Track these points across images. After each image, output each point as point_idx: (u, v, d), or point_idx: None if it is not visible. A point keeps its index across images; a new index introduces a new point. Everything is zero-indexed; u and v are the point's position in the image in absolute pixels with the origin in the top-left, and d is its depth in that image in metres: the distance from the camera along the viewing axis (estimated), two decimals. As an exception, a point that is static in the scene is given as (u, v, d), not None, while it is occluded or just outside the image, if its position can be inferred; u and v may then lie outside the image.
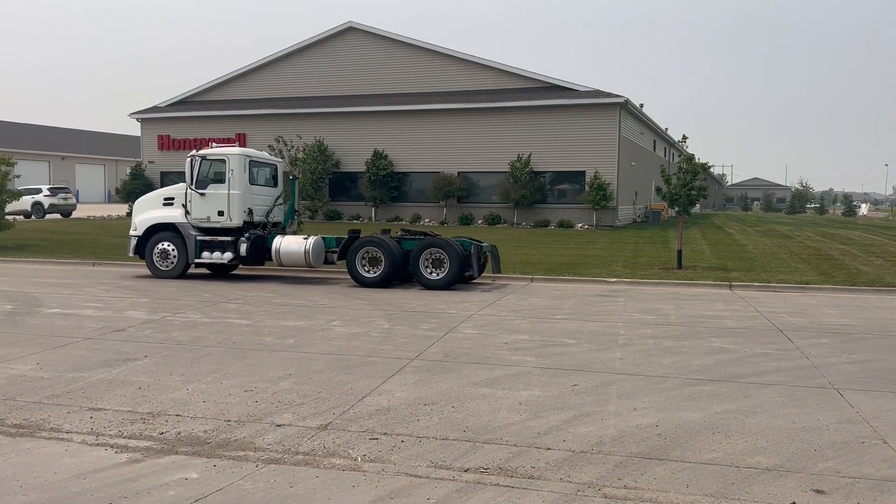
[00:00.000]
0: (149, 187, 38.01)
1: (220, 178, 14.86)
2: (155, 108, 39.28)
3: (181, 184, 15.32)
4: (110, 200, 67.54)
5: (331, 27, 36.44)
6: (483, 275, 14.84)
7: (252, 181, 15.27)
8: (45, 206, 37.72)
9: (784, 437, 5.41)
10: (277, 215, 15.94)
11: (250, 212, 15.03)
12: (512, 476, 4.61)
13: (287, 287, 14.16)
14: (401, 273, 14.33)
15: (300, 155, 20.76)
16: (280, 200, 16.06)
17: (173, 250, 15.01)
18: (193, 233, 14.92)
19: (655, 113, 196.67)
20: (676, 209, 17.75)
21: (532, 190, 31.84)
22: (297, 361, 7.66)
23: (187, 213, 15.01)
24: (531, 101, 32.38)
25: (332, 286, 14.39)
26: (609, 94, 31.82)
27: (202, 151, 15.27)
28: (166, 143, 38.42)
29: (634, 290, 13.98)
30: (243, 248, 14.61)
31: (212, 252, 14.87)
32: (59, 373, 7.06)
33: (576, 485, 4.49)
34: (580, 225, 31.44)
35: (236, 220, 14.79)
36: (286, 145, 19.39)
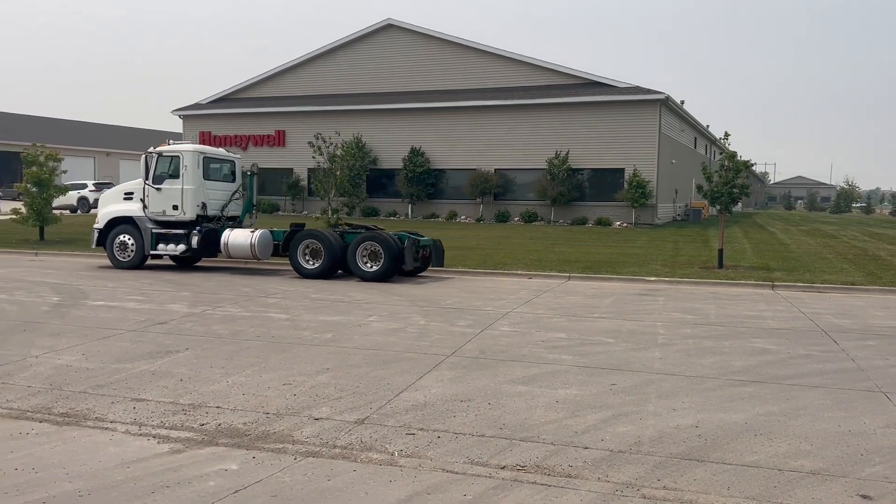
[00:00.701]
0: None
1: (175, 174, 15.55)
2: (196, 105, 39.95)
3: (140, 179, 15.99)
4: (153, 196, 68.70)
5: (370, 24, 36.63)
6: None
7: (207, 177, 15.93)
8: (91, 201, 38.67)
9: (829, 440, 5.28)
10: (234, 209, 16.53)
11: (204, 206, 15.67)
12: (549, 474, 4.58)
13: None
14: (341, 265, 14.81)
15: (338, 152, 20.90)
16: (237, 195, 16.63)
17: (131, 242, 15.78)
18: (150, 226, 15.65)
19: (696, 110, 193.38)
20: (718, 207, 17.44)
21: (570, 187, 31.59)
22: (335, 356, 7.72)
23: (145, 207, 15.72)
24: (569, 97, 32.11)
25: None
26: (649, 91, 31.39)
27: (159, 148, 16.03)
28: (207, 140, 39.01)
29: (674, 290, 13.78)
30: (195, 240, 15.31)
31: (167, 244, 15.58)
32: (104, 364, 7.22)
33: (614, 484, 4.44)
34: (618, 223, 31.10)
35: (189, 214, 15.47)
36: (324, 142, 19.51)
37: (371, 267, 14.47)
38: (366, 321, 9.83)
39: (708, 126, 45.01)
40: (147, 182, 15.64)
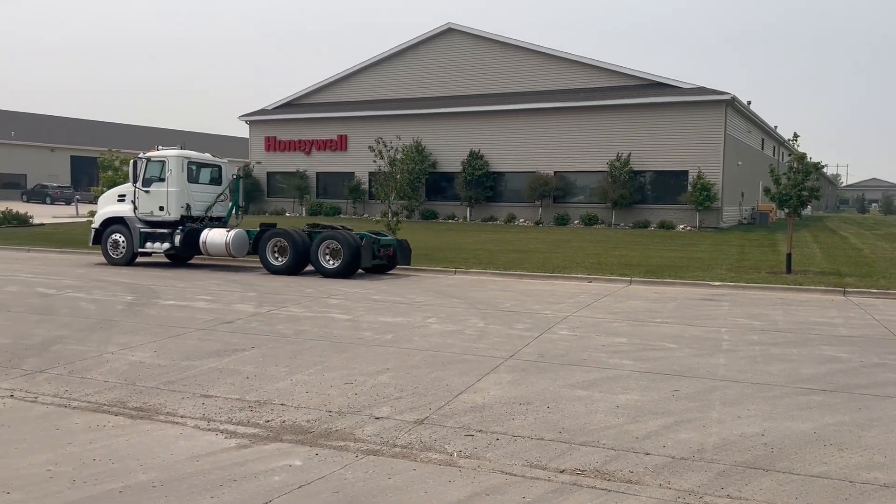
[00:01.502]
0: (256, 187, 39.79)
1: (161, 178, 16.64)
2: (262, 111, 40.97)
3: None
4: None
5: (430, 29, 36.90)
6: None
7: (193, 180, 17.00)
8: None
9: (905, 453, 5.07)
10: (220, 210, 17.50)
11: (188, 207, 16.74)
12: (609, 479, 4.54)
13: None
14: (306, 262, 15.63)
15: (399, 156, 21.09)
16: (223, 197, 17.58)
17: (123, 241, 16.98)
18: (139, 225, 16.79)
19: (764, 110, 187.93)
20: (786, 211, 16.91)
21: (631, 190, 31.12)
22: (395, 356, 7.82)
23: (135, 208, 16.84)
24: (631, 98, 31.65)
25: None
26: (714, 91, 30.66)
27: (147, 154, 17.12)
28: (273, 145, 40.01)
29: (739, 295, 13.43)
30: (177, 239, 16.39)
31: (153, 242, 16.71)
32: (174, 361, 7.50)
33: (676, 491, 4.37)
34: (682, 226, 30.46)
35: (174, 215, 16.55)
36: (385, 146, 19.73)
37: (332, 264, 15.29)
38: (425, 323, 9.92)
39: (776, 127, 43.66)
40: (136, 185, 16.74)
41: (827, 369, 7.53)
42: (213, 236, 16.24)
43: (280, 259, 15.78)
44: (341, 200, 37.49)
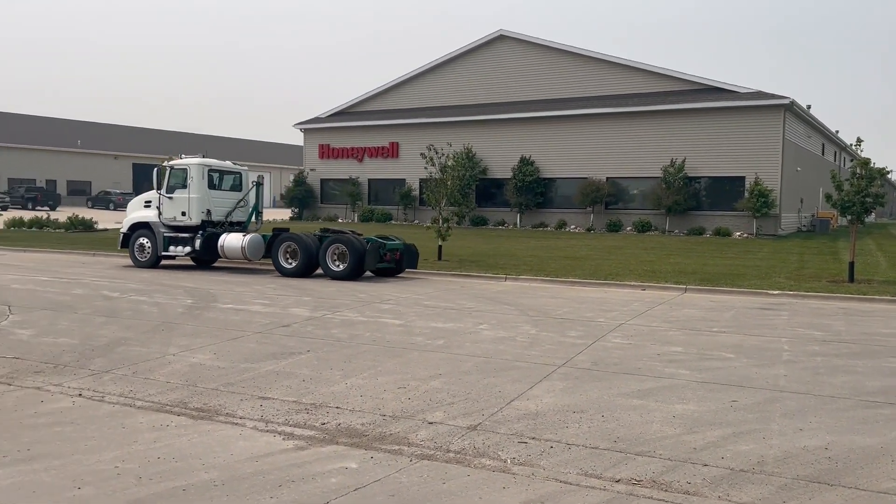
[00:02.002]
0: (310, 193, 40.49)
1: (183, 185, 17.38)
2: (316, 119, 41.69)
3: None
4: (275, 205, 72.41)
5: (482, 36, 37.00)
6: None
7: (213, 187, 17.75)
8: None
9: (979, 471, 4.86)
10: (239, 216, 18.23)
11: (208, 212, 17.47)
12: (666, 490, 4.48)
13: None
14: (316, 265, 16.10)
15: (450, 162, 21.18)
16: (242, 203, 18.29)
17: (148, 244, 17.77)
18: (163, 230, 17.59)
19: (825, 115, 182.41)
20: (849, 218, 16.38)
21: (685, 196, 30.57)
22: (447, 362, 7.85)
23: (160, 213, 17.61)
24: (686, 103, 31.14)
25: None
26: (772, 96, 29.94)
27: (171, 162, 17.95)
28: (326, 152, 40.66)
29: (799, 304, 13.06)
30: (198, 243, 17.20)
31: (175, 246, 17.48)
32: (233, 363, 7.69)
33: (735, 504, 4.28)
34: (738, 233, 29.78)
35: (195, 220, 17.31)
36: (436, 153, 19.85)
37: (339, 266, 15.76)
38: (476, 329, 9.94)
39: (837, 132, 42.37)
40: (161, 192, 17.54)
41: (895, 382, 7.27)
42: (231, 240, 16.96)
43: (291, 262, 16.32)
44: (392, 207, 37.83)
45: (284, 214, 43.01)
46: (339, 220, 38.19)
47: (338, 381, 6.98)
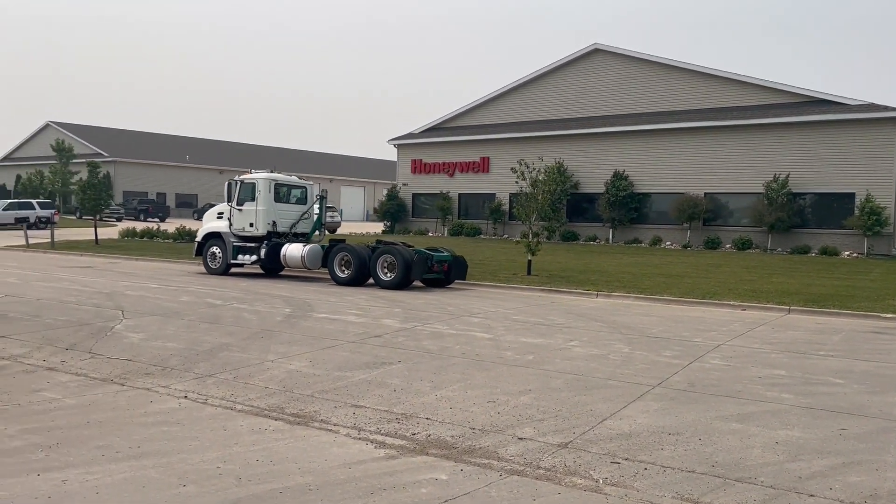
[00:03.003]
0: (402, 207, 41.18)
1: (252, 198, 18.53)
2: (410, 135, 42.44)
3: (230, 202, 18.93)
4: (368, 219, 74.11)
5: (576, 50, 36.72)
6: (469, 281, 17.72)
7: (279, 199, 18.82)
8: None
9: None
10: (303, 227, 19.20)
11: (274, 224, 18.51)
12: (768, 519, 4.27)
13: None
14: (368, 274, 16.82)
15: (541, 177, 21.06)
16: (306, 215, 19.25)
17: (219, 252, 19.14)
18: (232, 240, 18.84)
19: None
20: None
21: (789, 213, 29.17)
22: (536, 378, 7.79)
23: (230, 224, 18.85)
24: (790, 117, 29.79)
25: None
26: (885, 108, 28.22)
27: (241, 177, 19.11)
28: (419, 167, 41.29)
29: (917, 329, 12.19)
30: (262, 252, 18.32)
31: (243, 255, 18.70)
32: (328, 371, 7.90)
33: (845, 539, 4.03)
34: (847, 253, 28.14)
35: (261, 230, 18.42)
36: (527, 167, 19.79)
37: (389, 276, 16.38)
38: (567, 346, 9.81)
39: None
40: (231, 204, 18.77)
41: None
42: (292, 250, 17.93)
43: (345, 271, 17.12)
44: (482, 221, 37.94)
45: (377, 228, 43.91)
46: (430, 234, 38.60)
47: (428, 393, 7.05)
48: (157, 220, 52.74)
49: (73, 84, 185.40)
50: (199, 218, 56.91)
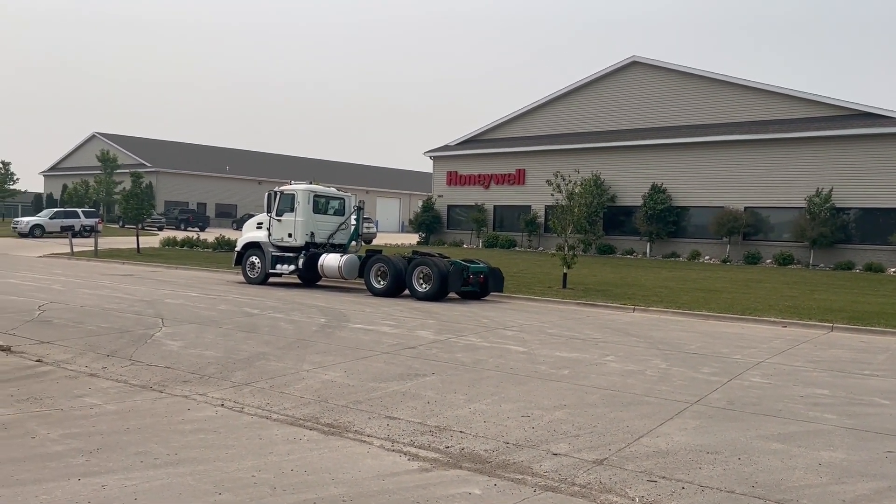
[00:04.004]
0: (437, 219, 41.29)
1: (291, 208, 18.79)
2: (445, 147, 42.60)
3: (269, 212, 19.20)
4: (403, 230, 74.44)
5: (614, 62, 36.53)
6: (503, 294, 17.63)
7: (318, 210, 19.05)
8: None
9: None
10: (341, 238, 19.42)
11: (312, 234, 18.78)
12: (811, 544, 4.15)
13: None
14: (403, 285, 16.84)
15: (577, 189, 20.94)
16: (344, 226, 19.47)
17: (258, 262, 19.37)
18: (271, 249, 19.06)
19: None
20: None
21: (832, 228, 28.51)
22: (571, 392, 7.71)
23: (269, 234, 19.05)
24: (833, 130, 29.18)
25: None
26: (935, 120, 27.49)
27: (281, 188, 19.30)
28: (454, 179, 41.39)
29: (968, 349, 11.78)
30: (300, 262, 18.52)
31: (282, 265, 18.89)
32: (362, 381, 7.92)
33: (892, 567, 3.90)
34: (893, 269, 27.38)
35: (300, 241, 18.67)
36: (563, 180, 19.68)
37: (425, 287, 16.37)
38: (602, 360, 9.70)
39: None
40: (271, 215, 19.01)
41: None
42: (329, 260, 18.14)
43: (381, 282, 17.20)
44: (517, 233, 37.83)
45: (412, 239, 44.06)
46: (464, 246, 38.62)
47: (462, 406, 7.02)
48: (196, 229, 53.69)
49: (118, 95, 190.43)
50: (238, 228, 57.87)
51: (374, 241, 43.81)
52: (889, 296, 19.24)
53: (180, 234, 38.79)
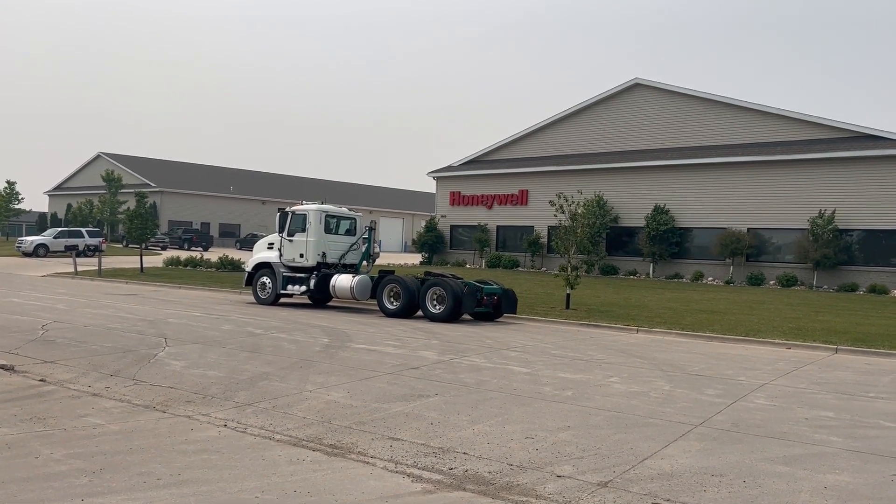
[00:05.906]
0: (440, 239, 41.36)
1: (303, 229, 18.73)
2: (449, 168, 42.78)
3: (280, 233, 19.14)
4: (406, 250, 74.52)
5: (616, 84, 36.78)
6: (517, 315, 17.54)
7: (329, 231, 19.05)
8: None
9: None
10: (352, 258, 19.35)
11: (324, 255, 18.73)
12: (817, 568, 4.12)
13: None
14: (417, 306, 16.72)
15: (580, 210, 21.00)
16: (355, 246, 19.46)
17: (269, 283, 19.22)
18: (282, 270, 18.94)
19: None
20: None
21: (835, 249, 28.49)
22: (575, 414, 7.68)
23: (281, 255, 19.01)
24: (835, 152, 29.27)
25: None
26: (937, 142, 27.57)
27: (293, 208, 19.29)
28: (457, 199, 41.52)
29: (973, 372, 11.73)
30: (312, 283, 18.38)
31: (293, 285, 18.73)
32: (365, 402, 7.91)
33: (899, 592, 3.87)
34: (897, 291, 27.31)
35: (311, 261, 18.62)
36: (566, 200, 19.75)
37: (438, 308, 16.24)
38: (606, 382, 9.67)
39: None
40: (282, 235, 18.96)
41: None
42: (341, 281, 18.03)
43: (394, 303, 17.06)
44: (520, 254, 37.85)
45: (415, 259, 44.08)
46: (467, 266, 38.63)
47: (465, 427, 7.01)
48: (200, 249, 53.78)
49: (123, 115, 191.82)
50: (242, 247, 58.07)
51: (377, 261, 43.89)
52: (893, 318, 19.17)
53: (184, 254, 38.83)
